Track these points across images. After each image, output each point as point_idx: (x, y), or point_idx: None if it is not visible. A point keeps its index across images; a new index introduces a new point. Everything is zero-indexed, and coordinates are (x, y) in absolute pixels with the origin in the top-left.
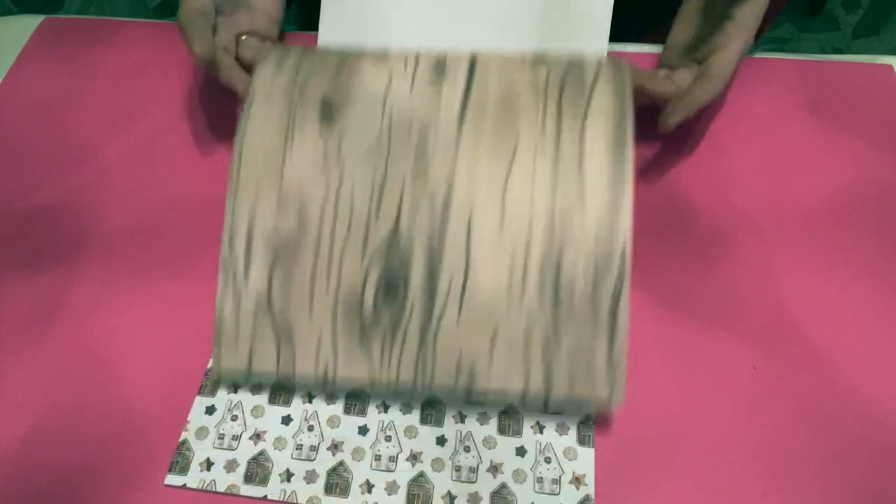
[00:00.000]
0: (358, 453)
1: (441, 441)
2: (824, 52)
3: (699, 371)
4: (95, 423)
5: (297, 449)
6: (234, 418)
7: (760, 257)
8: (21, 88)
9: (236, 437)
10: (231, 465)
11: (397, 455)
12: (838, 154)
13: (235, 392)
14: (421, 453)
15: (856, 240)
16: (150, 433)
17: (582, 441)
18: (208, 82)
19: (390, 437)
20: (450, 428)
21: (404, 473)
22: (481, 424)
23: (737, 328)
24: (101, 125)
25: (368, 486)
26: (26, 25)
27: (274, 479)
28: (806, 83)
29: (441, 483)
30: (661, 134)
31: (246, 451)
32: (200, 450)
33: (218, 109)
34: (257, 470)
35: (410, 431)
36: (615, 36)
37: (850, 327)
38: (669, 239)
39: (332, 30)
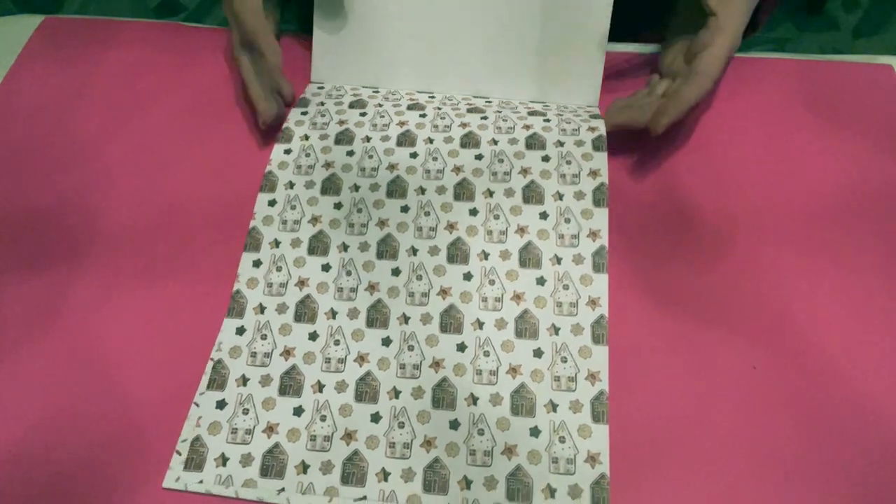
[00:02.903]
0: (372, 441)
1: (454, 425)
2: (824, 52)
3: (699, 371)
4: (95, 424)
5: (311, 440)
6: (246, 412)
7: (760, 257)
8: (21, 88)
9: (249, 431)
10: (246, 460)
11: (411, 441)
12: (838, 154)
13: (245, 385)
14: (435, 438)
15: (856, 240)
16: (150, 433)
17: (596, 418)
18: (208, 82)
19: (403, 423)
20: (462, 411)
21: (419, 460)
22: (494, 406)
23: (737, 328)
24: (101, 125)
25: (385, 475)
26: (26, 25)
27: (290, 472)
28: (806, 83)
29: (457, 468)
30: (653, 136)
31: (260, 444)
32: (214, 445)
33: (218, 110)
34: (273, 463)
35: (423, 416)
36: (615, 36)
37: (851, 327)
38: (669, 239)
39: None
